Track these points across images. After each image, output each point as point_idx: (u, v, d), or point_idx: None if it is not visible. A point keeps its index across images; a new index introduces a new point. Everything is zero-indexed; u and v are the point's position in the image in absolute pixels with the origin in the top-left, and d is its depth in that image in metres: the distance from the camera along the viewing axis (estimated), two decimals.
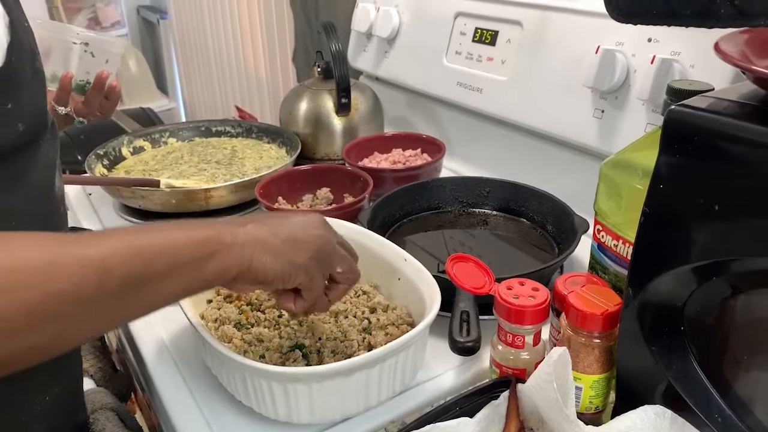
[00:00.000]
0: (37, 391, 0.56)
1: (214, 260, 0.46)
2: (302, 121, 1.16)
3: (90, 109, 0.99)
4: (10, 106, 0.48)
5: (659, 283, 0.47)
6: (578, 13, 0.91)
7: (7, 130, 0.48)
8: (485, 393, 0.56)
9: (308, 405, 0.57)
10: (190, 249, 0.45)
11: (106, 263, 0.40)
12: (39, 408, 0.56)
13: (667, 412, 0.48)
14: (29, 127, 0.50)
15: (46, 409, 0.57)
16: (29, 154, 0.51)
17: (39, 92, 0.53)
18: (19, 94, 0.49)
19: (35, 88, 0.52)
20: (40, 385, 0.57)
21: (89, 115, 1.01)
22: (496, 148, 1.10)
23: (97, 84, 0.97)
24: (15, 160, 0.50)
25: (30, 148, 0.51)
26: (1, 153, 0.48)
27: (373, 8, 1.28)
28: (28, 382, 0.55)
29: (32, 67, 0.51)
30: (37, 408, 0.56)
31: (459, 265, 0.62)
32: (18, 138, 0.49)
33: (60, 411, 0.60)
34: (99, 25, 3.11)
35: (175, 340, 0.74)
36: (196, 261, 0.46)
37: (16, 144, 0.49)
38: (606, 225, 0.64)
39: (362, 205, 0.90)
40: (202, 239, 0.46)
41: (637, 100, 0.83)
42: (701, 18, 0.40)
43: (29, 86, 0.50)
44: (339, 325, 0.67)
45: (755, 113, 0.41)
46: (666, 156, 0.44)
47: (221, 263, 0.47)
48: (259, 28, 2.07)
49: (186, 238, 0.46)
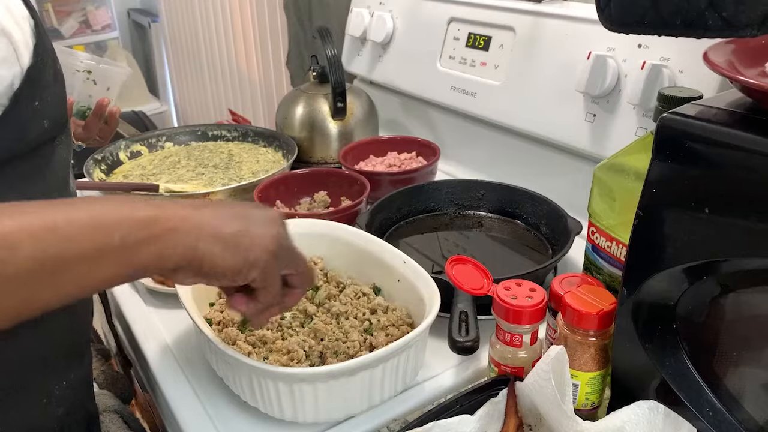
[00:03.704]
0: (54, 377, 0.59)
1: (151, 245, 0.41)
2: (298, 125, 1.18)
3: (89, 134, 1.01)
4: (37, 104, 0.50)
5: (652, 283, 0.49)
6: (570, 19, 0.93)
7: (35, 126, 0.50)
8: (485, 391, 0.58)
9: (313, 404, 0.58)
10: (122, 230, 0.40)
11: (9, 239, 0.36)
12: (57, 392, 0.59)
13: (660, 407, 0.50)
14: (51, 124, 0.52)
15: (64, 394, 0.60)
16: (48, 154, 0.53)
17: (60, 93, 0.55)
18: (44, 93, 0.51)
19: (57, 88, 0.54)
20: (58, 372, 0.59)
21: (88, 140, 1.03)
22: (490, 152, 1.12)
23: (97, 111, 0.99)
24: (35, 158, 0.52)
25: (48, 148, 0.53)
26: (27, 149, 0.50)
27: (368, 13, 1.30)
28: (48, 370, 0.58)
29: (54, 68, 0.53)
30: (56, 392, 0.59)
31: (458, 267, 0.64)
32: (42, 134, 0.51)
33: (75, 397, 0.62)
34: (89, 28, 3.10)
35: (179, 342, 0.75)
36: (129, 244, 0.40)
37: (39, 140, 0.51)
38: (600, 227, 0.65)
39: (360, 209, 0.92)
40: (138, 220, 0.41)
41: (627, 104, 0.85)
42: (691, 28, 0.42)
43: (52, 87, 0.52)
44: (340, 327, 0.69)
45: (743, 121, 0.43)
46: (658, 161, 0.46)
47: (159, 250, 0.41)
48: (252, 32, 2.07)
49: (117, 217, 0.40)
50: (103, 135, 1.04)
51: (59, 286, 0.39)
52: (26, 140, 0.50)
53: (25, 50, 0.48)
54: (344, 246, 0.77)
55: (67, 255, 0.38)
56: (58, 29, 2.92)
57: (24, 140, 0.50)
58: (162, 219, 0.42)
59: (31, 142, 0.51)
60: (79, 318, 0.63)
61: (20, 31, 0.48)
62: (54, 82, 0.53)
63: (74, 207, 0.40)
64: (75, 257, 0.38)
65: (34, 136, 0.51)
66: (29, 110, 0.50)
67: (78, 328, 0.64)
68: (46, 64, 0.52)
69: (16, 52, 0.47)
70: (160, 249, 0.42)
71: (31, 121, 0.50)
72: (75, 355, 0.63)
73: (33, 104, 0.50)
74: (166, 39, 2.87)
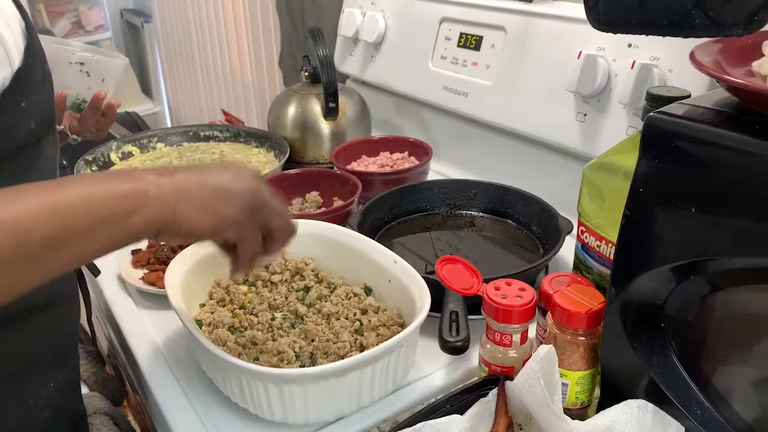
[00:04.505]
0: (42, 379, 0.59)
1: (138, 215, 0.44)
2: (290, 125, 1.17)
3: (85, 127, 0.99)
4: (24, 105, 0.50)
5: (640, 282, 0.49)
6: (561, 19, 0.93)
7: (21, 126, 0.51)
8: (475, 391, 0.58)
9: (303, 405, 0.58)
10: (111, 204, 0.43)
11: (22, 225, 0.39)
12: (45, 394, 0.59)
13: (649, 406, 0.50)
14: (38, 125, 0.52)
15: (50, 395, 0.60)
16: (34, 155, 0.53)
17: (48, 93, 0.55)
18: (31, 93, 0.51)
19: (45, 89, 0.54)
20: (44, 373, 0.59)
21: (84, 133, 1.00)
22: (481, 151, 1.12)
23: (93, 104, 0.95)
24: (20, 158, 0.52)
25: (34, 149, 0.53)
26: (13, 149, 0.51)
27: (360, 13, 1.30)
28: (34, 371, 0.58)
29: (42, 69, 0.54)
30: (43, 393, 0.59)
31: (448, 267, 0.64)
32: (28, 135, 0.51)
33: (62, 398, 0.62)
34: (82, 28, 3.09)
35: (169, 343, 0.75)
36: (117, 217, 0.44)
37: (27, 141, 0.51)
38: (589, 226, 0.66)
39: (352, 209, 0.92)
40: (122, 193, 0.44)
41: (618, 103, 0.85)
42: (678, 28, 0.42)
43: (40, 87, 0.53)
44: (331, 327, 0.68)
45: (729, 120, 0.43)
46: (645, 160, 0.46)
47: (144, 217, 0.45)
48: (244, 32, 2.07)
49: (105, 193, 0.44)
50: (99, 127, 1.02)
51: (68, 255, 0.43)
52: (12, 140, 0.50)
53: (15, 51, 0.49)
54: (335, 246, 0.77)
55: (67, 233, 0.41)
56: (50, 30, 2.91)
57: (11, 140, 0.50)
58: (142, 190, 0.45)
59: (18, 141, 0.51)
60: (65, 319, 0.63)
61: (11, 32, 0.48)
62: (42, 82, 0.53)
63: (65, 187, 0.43)
64: (74, 234, 0.42)
65: (20, 136, 0.51)
66: (16, 111, 0.50)
67: (64, 329, 0.63)
68: (36, 65, 0.52)
69: (7, 54, 0.48)
70: (144, 218, 0.45)
71: (18, 122, 0.50)
72: (62, 357, 0.63)
73: (20, 105, 0.50)
74: (159, 39, 2.87)
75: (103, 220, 0.43)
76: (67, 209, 0.41)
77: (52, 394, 0.60)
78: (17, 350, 0.56)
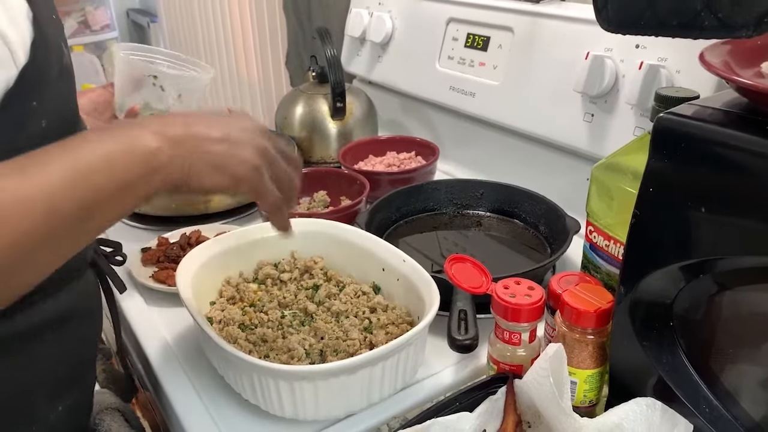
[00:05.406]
0: (52, 405, 0.57)
1: (158, 175, 0.46)
2: (298, 125, 1.18)
3: None
4: (35, 104, 0.48)
5: (649, 282, 0.49)
6: (568, 20, 0.94)
7: (30, 126, 0.48)
8: (484, 388, 0.58)
9: (314, 402, 0.59)
10: (133, 168, 0.44)
11: (50, 201, 0.39)
12: (52, 418, 0.57)
13: (657, 404, 0.51)
14: (52, 124, 0.49)
15: (59, 418, 0.58)
16: None
17: (66, 91, 0.52)
18: (44, 91, 0.48)
19: (62, 86, 0.51)
20: (56, 397, 0.57)
21: None
22: (488, 151, 1.12)
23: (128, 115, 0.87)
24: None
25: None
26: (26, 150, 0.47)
27: (367, 14, 1.30)
28: (44, 398, 0.56)
29: (59, 63, 0.50)
30: (50, 418, 0.57)
31: (457, 266, 0.65)
32: (41, 135, 0.47)
33: (70, 420, 0.61)
34: (88, 28, 3.10)
35: (179, 341, 0.75)
36: (140, 180, 0.45)
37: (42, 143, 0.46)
38: (598, 226, 0.66)
39: (359, 208, 0.92)
40: (142, 158, 0.45)
41: (625, 104, 0.85)
42: (687, 29, 0.43)
43: (55, 84, 0.50)
44: (340, 325, 0.69)
45: (738, 121, 0.43)
46: (655, 161, 0.46)
47: (162, 177, 0.46)
48: (251, 32, 2.08)
49: (126, 159, 0.44)
50: None
51: (97, 222, 0.44)
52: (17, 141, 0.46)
53: (21, 50, 0.46)
54: (344, 245, 0.78)
55: (94, 202, 0.42)
56: None
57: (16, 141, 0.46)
58: (156, 154, 0.46)
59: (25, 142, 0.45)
60: (82, 337, 0.61)
61: (17, 29, 0.45)
62: (59, 79, 0.50)
63: (85, 151, 0.43)
64: (100, 202, 0.43)
65: (28, 136, 0.47)
66: (25, 111, 0.47)
67: (81, 350, 0.61)
68: (49, 60, 0.48)
69: (12, 55, 0.45)
70: (163, 177, 0.46)
71: (27, 122, 0.48)
72: (74, 380, 0.60)
73: (30, 104, 0.47)
74: (165, 39, 2.87)
75: (126, 185, 0.44)
76: (91, 178, 0.42)
77: (61, 417, 0.57)
78: (25, 373, 0.53)
